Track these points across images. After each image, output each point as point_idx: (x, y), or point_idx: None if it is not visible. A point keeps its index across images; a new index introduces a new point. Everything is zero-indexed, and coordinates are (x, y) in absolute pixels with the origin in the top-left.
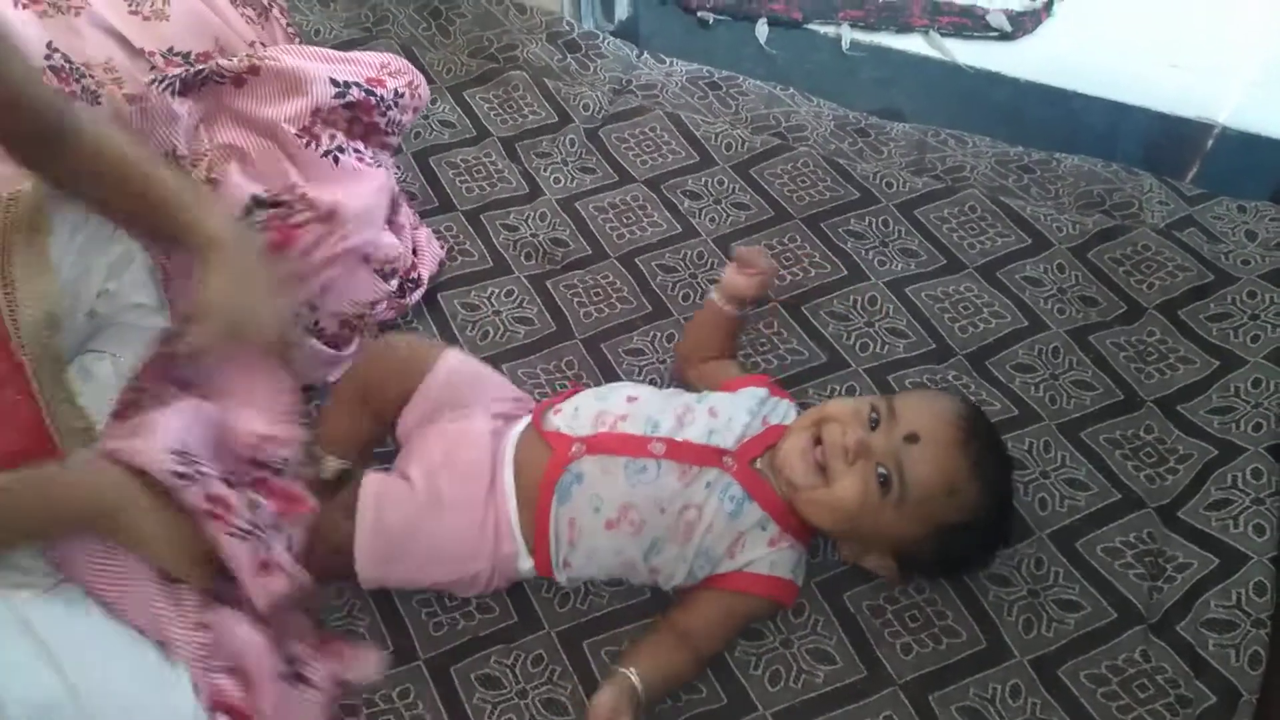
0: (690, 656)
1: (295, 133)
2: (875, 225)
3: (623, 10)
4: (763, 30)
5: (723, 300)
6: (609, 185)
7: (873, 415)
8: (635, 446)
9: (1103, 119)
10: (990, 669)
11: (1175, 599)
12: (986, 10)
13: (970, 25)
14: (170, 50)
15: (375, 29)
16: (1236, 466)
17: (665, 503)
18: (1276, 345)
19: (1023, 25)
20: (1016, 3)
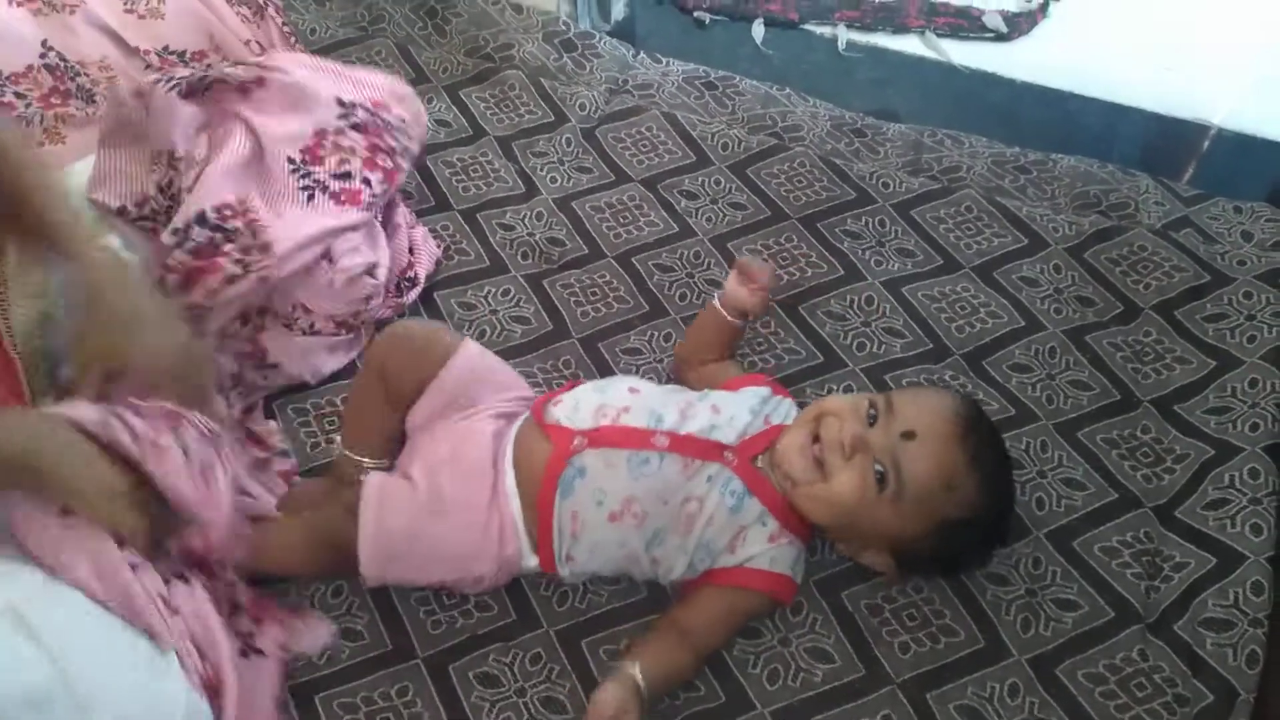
0: (691, 654)
1: (297, 151)
2: (872, 225)
3: (619, 10)
4: (759, 30)
5: (725, 309)
6: (605, 185)
7: (871, 411)
8: (639, 439)
9: (1099, 120)
10: (988, 668)
11: (1173, 598)
12: (982, 11)
13: (966, 26)
14: (165, 49)
15: (371, 28)
16: (1234, 466)
17: (667, 494)
18: (1273, 345)
19: (1019, 26)
20: (1012, 4)
